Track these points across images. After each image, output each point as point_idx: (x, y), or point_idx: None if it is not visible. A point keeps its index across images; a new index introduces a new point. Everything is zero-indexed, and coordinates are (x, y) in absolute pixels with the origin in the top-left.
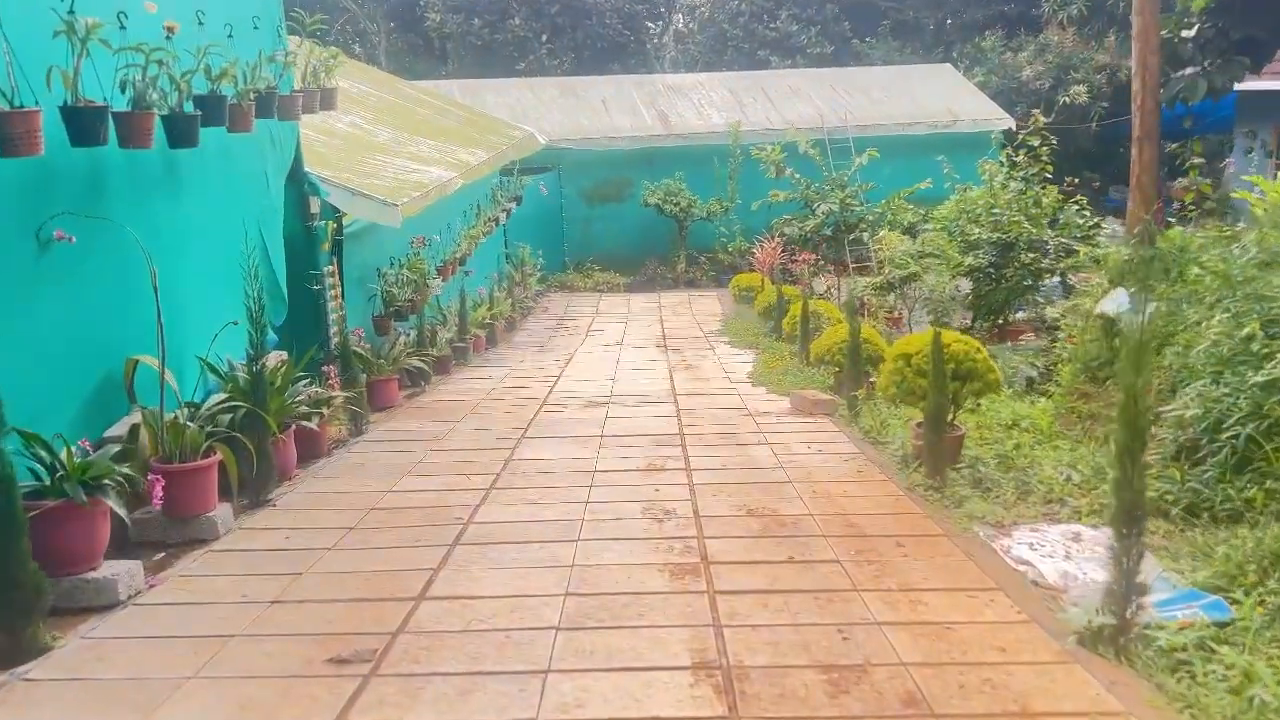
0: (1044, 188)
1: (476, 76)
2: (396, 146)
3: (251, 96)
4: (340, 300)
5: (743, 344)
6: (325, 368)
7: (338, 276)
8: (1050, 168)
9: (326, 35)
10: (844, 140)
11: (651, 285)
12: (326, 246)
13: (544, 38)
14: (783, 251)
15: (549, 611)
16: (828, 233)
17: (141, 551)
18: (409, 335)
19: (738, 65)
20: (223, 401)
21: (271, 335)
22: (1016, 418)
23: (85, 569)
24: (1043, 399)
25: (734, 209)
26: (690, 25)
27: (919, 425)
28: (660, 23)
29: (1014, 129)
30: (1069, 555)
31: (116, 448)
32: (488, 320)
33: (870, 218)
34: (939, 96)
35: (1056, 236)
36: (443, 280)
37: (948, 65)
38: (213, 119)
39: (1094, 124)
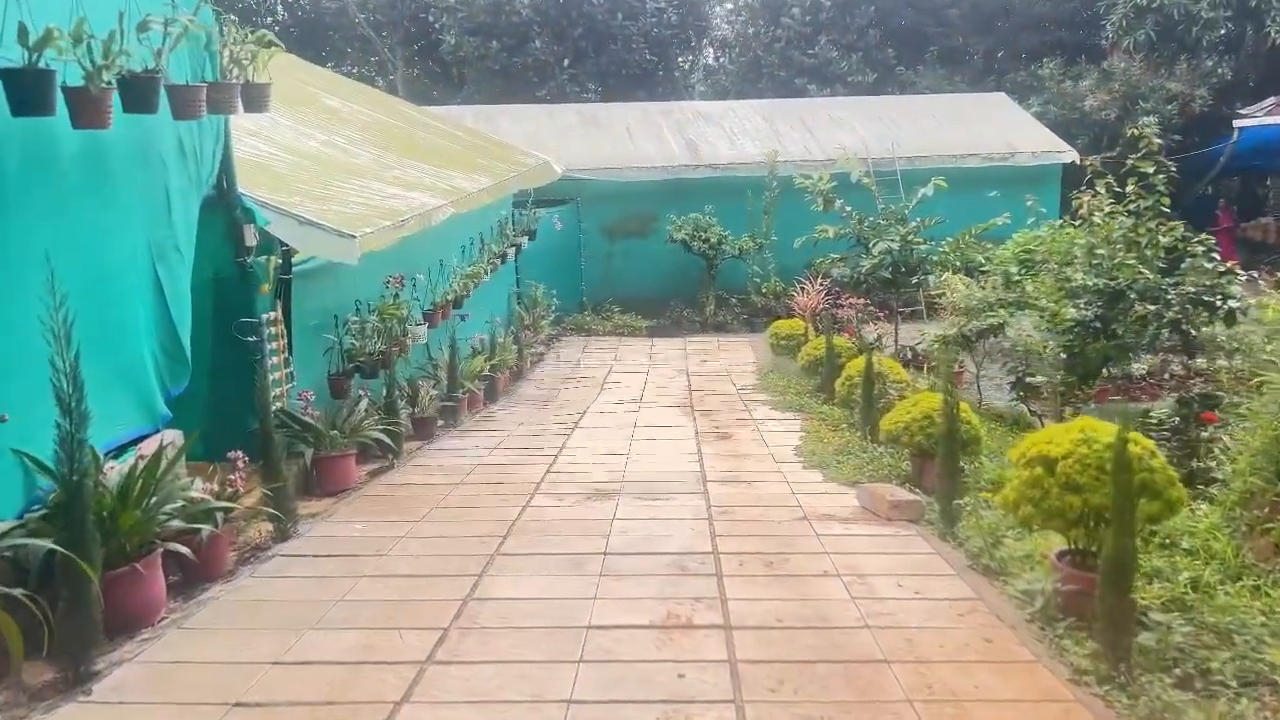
0: (1160, 224)
1: (494, 103)
2: (379, 170)
3: (105, 80)
4: (285, 355)
5: (785, 406)
6: (232, 454)
7: (282, 325)
8: (1167, 200)
9: (341, 65)
10: (891, 173)
11: (677, 329)
12: (266, 289)
13: (566, 63)
14: (826, 294)
15: None
16: (885, 274)
17: None
18: (370, 399)
19: (772, 94)
20: (11, 529)
21: (163, 410)
22: (1170, 532)
23: None
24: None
25: (769, 246)
26: (721, 60)
27: (1063, 558)
28: (691, 51)
29: (1077, 161)
30: None
31: None
32: (486, 372)
33: (935, 258)
34: (994, 127)
35: (1179, 284)
36: (429, 327)
37: (1002, 94)
38: (32, 103)
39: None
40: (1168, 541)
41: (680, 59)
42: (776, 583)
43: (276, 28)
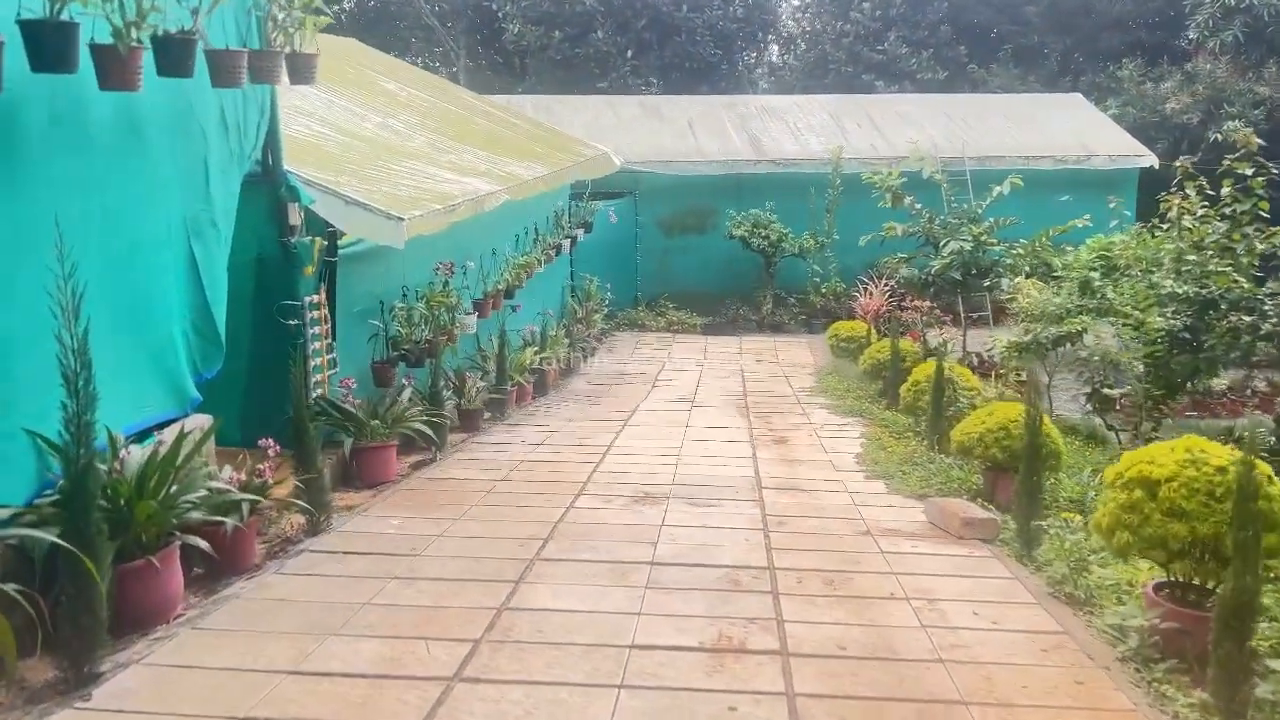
0: (1257, 229)
1: (554, 94)
2: (433, 154)
3: (134, 38)
4: (329, 340)
5: (845, 410)
6: (263, 441)
7: (326, 310)
8: (1266, 205)
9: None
10: (960, 172)
11: (732, 328)
12: (310, 270)
13: (629, 54)
14: (890, 296)
15: None
16: (955, 275)
17: None
18: (414, 388)
19: (839, 91)
20: (16, 516)
21: (192, 393)
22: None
23: None
24: None
25: (830, 245)
26: (786, 55)
27: (1161, 591)
28: (756, 46)
29: (1155, 166)
30: None
31: None
32: (536, 365)
33: (1010, 261)
34: (1069, 129)
35: (1278, 295)
36: (480, 316)
37: (1078, 95)
38: (52, 57)
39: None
40: (1273, 576)
41: (745, 53)
42: (838, 604)
43: (344, 15)
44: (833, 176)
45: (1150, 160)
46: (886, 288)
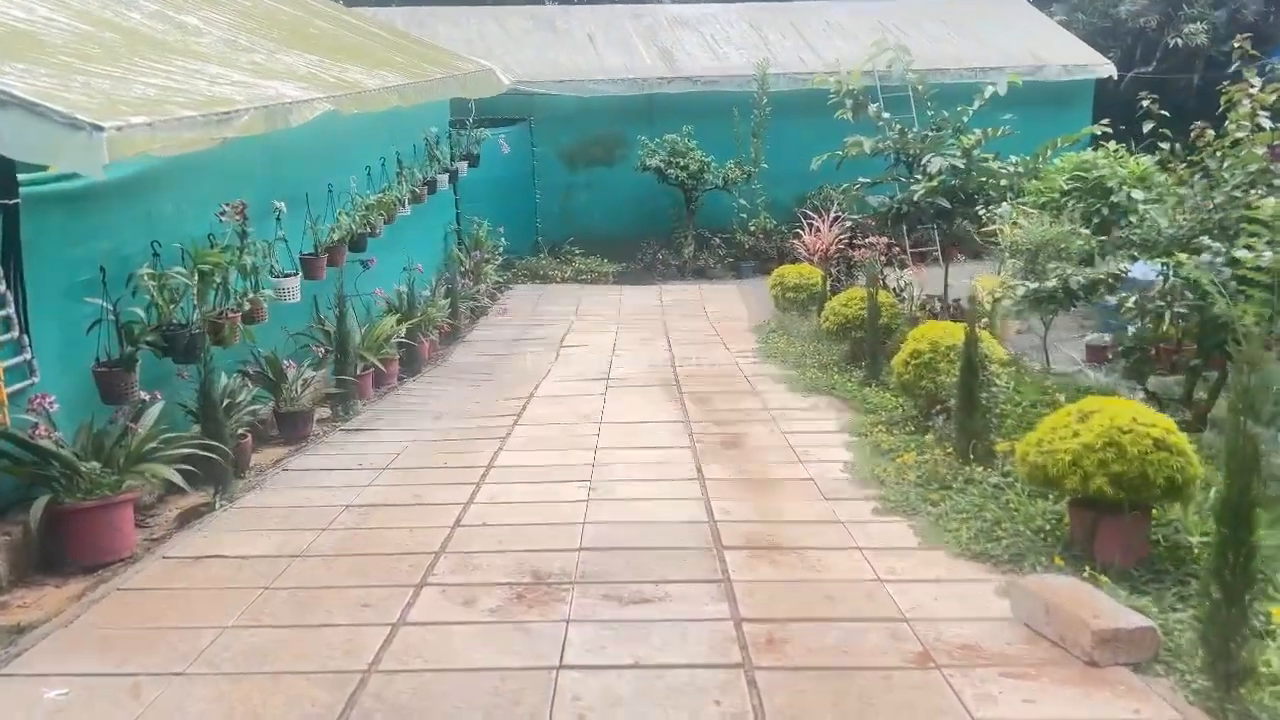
0: None
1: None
2: (230, 54)
3: None
4: (14, 335)
5: (807, 386)
6: None
7: (10, 285)
8: None
9: None
10: (901, 88)
11: (650, 275)
12: None
13: None
14: (847, 232)
15: None
16: (942, 202)
17: None
18: (152, 407)
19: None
20: None
21: None
22: None
23: None
24: None
25: (757, 176)
26: None
27: None
28: None
29: (1114, 77)
30: None
31: None
32: (402, 337)
33: (1005, 181)
34: (1015, 36)
35: None
36: (310, 278)
37: (1023, 0)
38: None
39: (1196, 75)
40: None
41: None
42: None
43: None
44: (758, 95)
45: (1109, 70)
46: (841, 222)
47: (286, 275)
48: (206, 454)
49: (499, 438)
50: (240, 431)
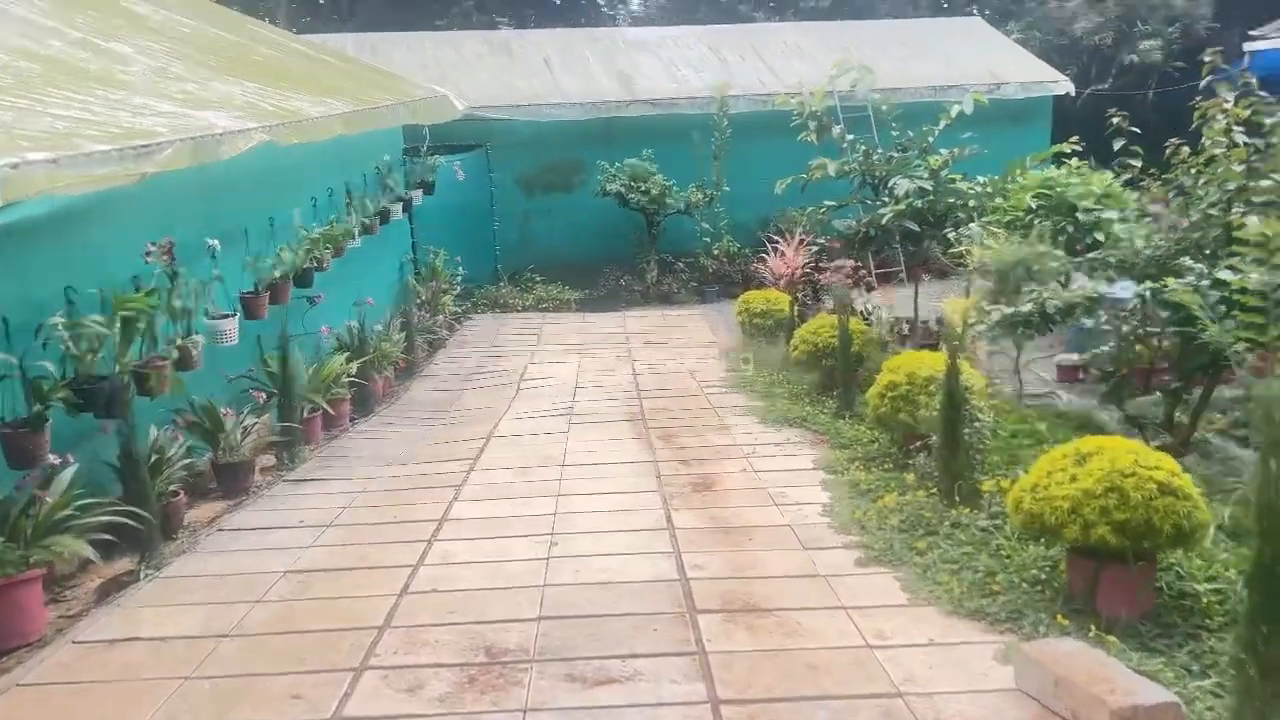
0: None
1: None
2: (159, 83)
3: None
4: None
5: (778, 418)
6: None
7: None
8: None
9: None
10: (861, 108)
11: (613, 301)
12: None
13: None
14: (813, 256)
15: None
16: (910, 225)
17: None
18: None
19: (715, 23)
20: None
21: None
22: None
23: None
24: None
25: (720, 199)
26: None
27: None
28: None
29: (1072, 93)
30: None
31: None
32: (354, 376)
33: (972, 202)
34: (974, 55)
35: None
36: (250, 317)
37: (977, 19)
38: None
39: (1150, 90)
40: None
41: None
42: None
43: None
44: (718, 117)
45: (1067, 86)
46: (807, 245)
47: (224, 316)
48: (123, 521)
49: (454, 485)
50: (172, 489)
